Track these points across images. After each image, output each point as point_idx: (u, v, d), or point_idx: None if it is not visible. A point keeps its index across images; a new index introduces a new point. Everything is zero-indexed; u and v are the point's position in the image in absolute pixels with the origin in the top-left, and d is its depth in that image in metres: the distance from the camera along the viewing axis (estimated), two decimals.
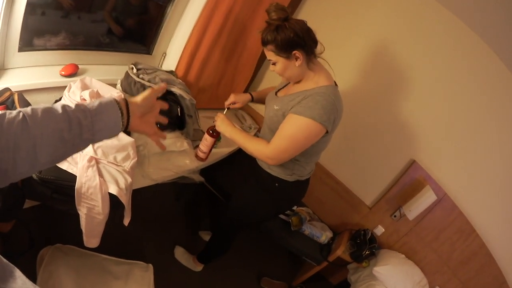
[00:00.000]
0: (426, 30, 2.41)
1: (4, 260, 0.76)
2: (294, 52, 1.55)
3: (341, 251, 2.73)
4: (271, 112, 1.76)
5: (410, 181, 2.73)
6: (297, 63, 1.59)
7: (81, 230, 1.43)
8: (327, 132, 1.61)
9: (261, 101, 2.14)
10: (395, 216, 2.83)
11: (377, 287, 2.66)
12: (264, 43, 1.59)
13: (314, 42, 1.61)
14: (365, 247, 2.72)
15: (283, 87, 1.89)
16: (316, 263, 2.83)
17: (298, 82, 1.73)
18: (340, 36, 2.67)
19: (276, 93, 1.89)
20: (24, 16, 1.56)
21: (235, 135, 1.81)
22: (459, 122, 2.50)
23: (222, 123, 1.86)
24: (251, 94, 2.17)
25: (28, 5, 1.53)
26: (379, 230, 2.95)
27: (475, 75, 2.34)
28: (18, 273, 0.78)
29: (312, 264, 2.88)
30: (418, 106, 2.60)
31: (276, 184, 1.92)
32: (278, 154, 1.65)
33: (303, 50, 1.57)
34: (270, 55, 1.61)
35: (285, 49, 1.55)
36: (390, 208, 2.87)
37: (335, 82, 1.73)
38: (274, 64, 1.64)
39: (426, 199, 2.57)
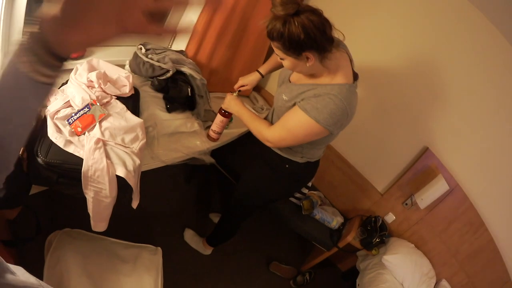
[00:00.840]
0: (444, 17, 2.32)
1: None
2: (304, 53, 1.39)
3: (351, 237, 2.69)
4: (279, 101, 1.69)
5: (422, 169, 2.66)
6: (308, 63, 1.43)
7: (89, 214, 1.40)
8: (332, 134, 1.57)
9: (273, 70, 2.11)
10: (406, 204, 2.77)
11: (385, 276, 2.62)
12: (270, 37, 1.41)
13: (329, 40, 1.41)
14: (376, 235, 2.68)
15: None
16: (326, 248, 2.79)
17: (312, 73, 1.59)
18: (355, 17, 2.58)
19: (288, 76, 1.76)
20: (28, 2, 1.49)
21: (241, 113, 1.80)
22: (477, 112, 2.41)
23: (230, 101, 1.85)
24: (259, 72, 2.09)
25: None
26: (390, 218, 2.90)
27: (493, 63, 2.24)
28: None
29: (322, 250, 2.84)
30: (433, 93, 2.51)
31: (286, 166, 1.88)
32: (276, 141, 1.66)
33: (315, 51, 1.39)
34: (278, 51, 1.46)
35: (294, 49, 1.39)
36: (402, 195, 2.81)
37: (354, 77, 1.59)
38: (282, 59, 1.50)
39: (438, 188, 2.51)
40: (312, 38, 1.34)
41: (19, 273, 0.74)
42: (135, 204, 1.50)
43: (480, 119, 2.41)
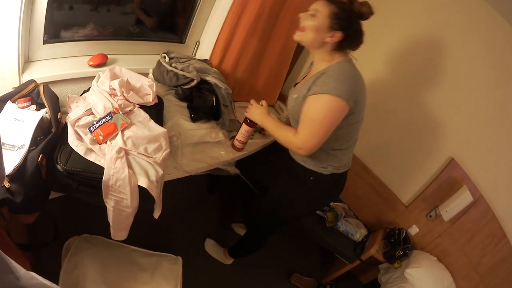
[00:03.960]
0: (468, 25, 2.23)
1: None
2: (339, 31, 1.44)
3: (374, 250, 2.58)
4: (291, 102, 1.65)
5: (447, 180, 2.55)
6: (329, 39, 1.45)
7: (109, 222, 1.33)
8: (350, 108, 1.48)
9: None
10: (430, 216, 2.64)
11: None
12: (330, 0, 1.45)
13: (351, 47, 1.53)
14: (399, 247, 2.57)
15: (302, 79, 1.77)
16: (349, 261, 2.69)
17: (315, 64, 1.61)
18: (373, 28, 2.50)
19: (295, 86, 1.76)
20: (48, 10, 1.50)
21: (266, 123, 1.72)
22: (502, 122, 2.30)
23: (254, 110, 1.78)
24: None
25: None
26: (414, 230, 2.77)
27: None
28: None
29: (344, 262, 2.74)
30: (459, 103, 2.41)
31: (311, 178, 1.77)
32: (306, 142, 1.51)
33: (343, 38, 1.46)
34: (323, 7, 1.45)
35: (340, 21, 1.43)
36: (426, 207, 2.69)
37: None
38: (312, 15, 1.47)
39: (462, 200, 2.40)
40: (357, 32, 1.48)
41: (27, 277, 0.70)
42: (157, 214, 1.42)
43: (505, 129, 2.30)
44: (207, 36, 2.31)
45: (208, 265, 2.46)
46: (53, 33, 1.64)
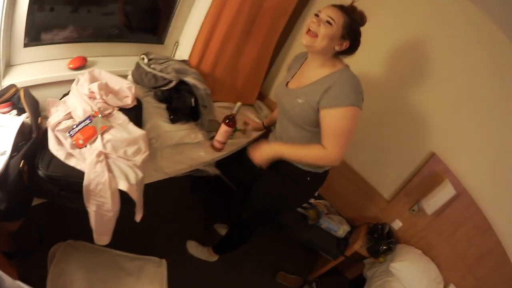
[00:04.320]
0: (447, 22, 2.33)
1: None
2: (348, 41, 1.57)
3: (358, 245, 2.66)
4: (296, 107, 1.68)
5: (429, 174, 2.65)
6: (337, 47, 1.57)
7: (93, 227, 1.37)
8: None
9: (272, 123, 2.16)
10: (413, 210, 2.74)
11: (393, 284, 2.60)
12: (345, 10, 1.55)
13: (351, 53, 1.65)
14: (383, 242, 2.65)
15: (291, 78, 1.84)
16: (333, 257, 2.77)
17: (314, 66, 1.68)
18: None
19: (286, 85, 1.82)
20: (28, 12, 1.52)
21: (285, 152, 1.74)
22: (482, 116, 2.41)
23: (270, 149, 1.77)
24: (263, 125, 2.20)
25: (34, 1, 1.51)
26: (397, 224, 2.87)
27: (500, 68, 2.24)
28: None
29: (328, 259, 2.82)
30: (439, 98, 2.51)
31: (308, 178, 1.87)
32: (340, 154, 1.61)
33: (349, 46, 1.58)
34: (338, 17, 1.53)
35: (351, 32, 1.56)
36: (409, 201, 2.78)
37: None
38: (328, 22, 1.53)
39: (445, 193, 2.50)
40: (359, 41, 1.61)
41: (14, 287, 0.73)
42: (138, 217, 1.46)
43: (486, 123, 2.40)
44: (186, 36, 2.36)
45: (193, 266, 2.50)
46: (34, 36, 1.67)
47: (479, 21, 2.19)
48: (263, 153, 1.76)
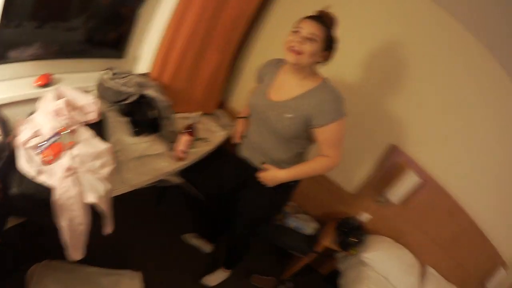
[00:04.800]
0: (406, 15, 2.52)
1: None
2: (329, 51, 1.73)
3: (327, 241, 2.80)
4: (285, 121, 1.80)
5: (392, 166, 2.81)
6: (320, 58, 1.73)
7: (65, 243, 1.43)
8: None
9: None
10: (380, 201, 2.91)
11: (368, 273, 2.74)
12: (323, 23, 1.66)
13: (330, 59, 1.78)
14: (352, 235, 2.80)
15: (270, 87, 1.92)
16: (304, 255, 2.89)
17: (297, 79, 1.81)
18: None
19: (267, 97, 1.90)
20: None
21: (293, 175, 1.95)
22: (439, 104, 2.61)
23: (274, 175, 1.95)
24: (243, 118, 2.27)
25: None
26: (365, 217, 3.03)
27: (456, 60, 2.47)
28: None
29: (301, 257, 2.94)
30: (395, 92, 2.68)
31: (291, 183, 2.06)
32: (341, 156, 1.87)
33: (329, 55, 1.75)
34: (320, 31, 1.65)
35: (331, 42, 1.70)
36: (375, 194, 2.94)
37: None
38: (311, 39, 1.64)
39: (409, 182, 2.68)
40: (336, 47, 1.75)
41: None
42: (109, 229, 1.56)
43: (443, 111, 2.61)
44: (147, 50, 2.45)
45: (168, 276, 2.57)
46: (0, 54, 1.71)
47: (443, 19, 2.39)
48: (275, 181, 1.96)
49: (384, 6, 2.54)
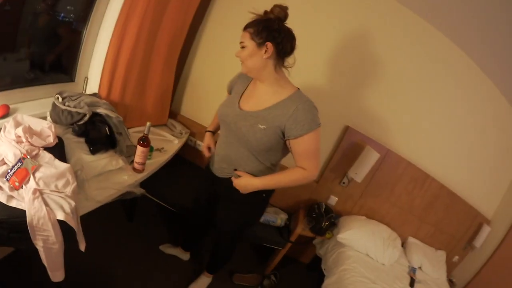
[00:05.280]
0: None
1: None
2: (267, 42, 1.70)
3: (300, 228, 2.97)
4: (257, 132, 1.81)
5: (349, 146, 3.01)
6: (265, 55, 1.72)
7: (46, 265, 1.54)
8: None
9: (218, 127, 2.36)
10: (343, 183, 3.12)
11: (347, 253, 2.91)
12: (247, 26, 1.75)
13: (291, 48, 1.79)
14: (323, 219, 2.96)
15: (240, 97, 1.98)
16: (280, 246, 3.05)
17: (268, 89, 1.85)
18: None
19: (239, 107, 1.94)
20: None
21: (266, 183, 1.96)
22: (386, 78, 2.83)
23: (247, 182, 1.97)
24: (210, 131, 2.39)
25: None
26: (333, 200, 3.23)
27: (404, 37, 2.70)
28: None
29: (278, 249, 3.09)
30: (344, 74, 2.88)
31: (264, 195, 2.11)
32: (318, 169, 1.87)
33: (276, 46, 1.72)
34: (245, 37, 1.74)
35: (261, 35, 1.70)
36: (337, 176, 3.14)
37: None
38: (243, 47, 1.76)
39: (369, 158, 2.84)
40: (281, 34, 1.72)
41: None
42: (82, 246, 1.66)
43: (392, 84, 2.82)
44: (94, 70, 2.54)
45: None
46: None
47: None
48: (248, 188, 1.97)
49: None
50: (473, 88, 2.80)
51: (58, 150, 1.85)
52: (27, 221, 1.43)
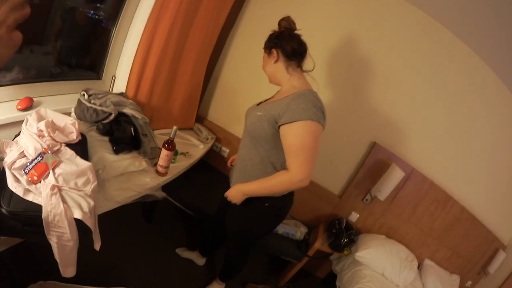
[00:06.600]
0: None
1: None
2: (272, 49, 1.88)
3: (319, 243, 2.90)
4: (254, 118, 1.83)
5: (375, 163, 2.95)
6: (273, 60, 1.89)
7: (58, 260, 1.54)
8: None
9: None
10: (366, 199, 3.05)
11: (364, 272, 2.83)
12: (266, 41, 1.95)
13: (291, 49, 1.85)
14: (343, 236, 2.89)
15: (264, 101, 2.05)
16: (297, 260, 3.00)
17: (279, 90, 1.96)
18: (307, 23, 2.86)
19: (257, 105, 2.03)
20: None
21: (254, 190, 1.90)
22: (416, 99, 2.75)
23: (236, 189, 1.96)
24: None
25: None
26: (354, 217, 3.16)
27: (432, 61, 2.63)
28: None
29: (294, 262, 3.04)
30: (372, 90, 2.82)
31: (266, 204, 2.01)
32: (305, 173, 1.66)
33: (280, 51, 1.86)
34: (263, 53, 1.97)
35: (268, 45, 1.92)
36: (360, 192, 3.07)
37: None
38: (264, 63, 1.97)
39: (394, 177, 2.77)
40: (280, 39, 1.87)
41: None
42: (97, 246, 1.64)
43: (422, 104, 2.74)
44: (122, 69, 2.55)
45: None
46: None
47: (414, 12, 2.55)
48: (238, 195, 1.95)
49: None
50: (498, 109, 2.70)
51: (81, 147, 1.83)
52: (42, 216, 1.42)
